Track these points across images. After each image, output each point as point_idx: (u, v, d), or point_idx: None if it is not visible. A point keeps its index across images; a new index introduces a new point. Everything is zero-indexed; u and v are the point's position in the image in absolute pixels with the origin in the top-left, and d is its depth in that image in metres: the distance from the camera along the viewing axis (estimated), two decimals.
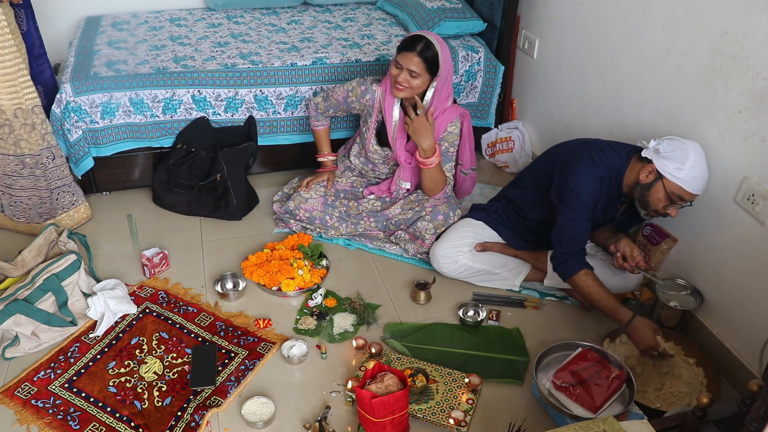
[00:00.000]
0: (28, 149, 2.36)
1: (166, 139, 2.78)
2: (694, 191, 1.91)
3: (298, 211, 2.58)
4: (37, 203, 2.49)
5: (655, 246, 2.25)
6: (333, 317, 2.22)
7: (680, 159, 1.89)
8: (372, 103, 2.46)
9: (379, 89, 2.43)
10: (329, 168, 2.70)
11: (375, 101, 2.45)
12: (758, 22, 1.78)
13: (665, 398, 1.91)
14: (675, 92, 2.13)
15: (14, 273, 2.15)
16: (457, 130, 2.41)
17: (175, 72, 2.70)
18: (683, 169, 1.89)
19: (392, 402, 1.69)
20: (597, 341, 2.07)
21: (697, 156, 1.90)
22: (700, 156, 1.91)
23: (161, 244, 2.56)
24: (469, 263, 2.34)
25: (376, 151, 2.55)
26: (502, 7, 2.96)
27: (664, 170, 1.92)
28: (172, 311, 2.22)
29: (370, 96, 2.45)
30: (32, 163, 2.40)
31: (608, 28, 2.43)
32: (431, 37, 2.25)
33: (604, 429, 1.39)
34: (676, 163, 1.89)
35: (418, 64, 2.22)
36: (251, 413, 1.85)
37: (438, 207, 2.45)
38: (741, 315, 1.98)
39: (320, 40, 3.08)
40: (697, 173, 1.89)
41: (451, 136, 2.42)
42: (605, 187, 2.06)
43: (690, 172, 1.88)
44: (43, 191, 2.46)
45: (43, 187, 2.45)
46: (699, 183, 1.91)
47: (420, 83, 2.27)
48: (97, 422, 1.83)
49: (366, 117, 2.52)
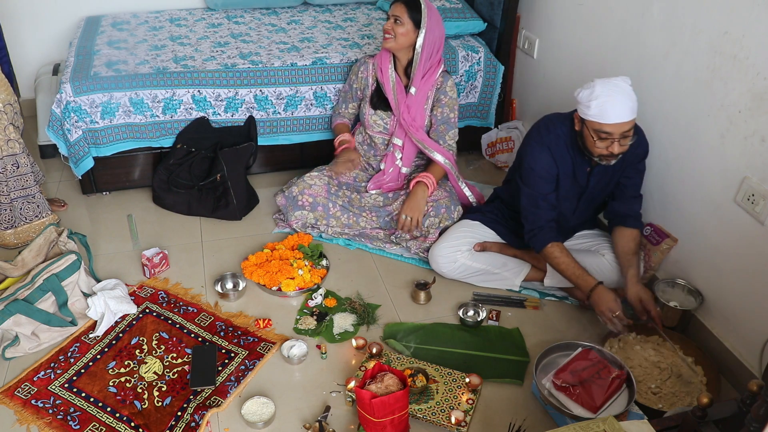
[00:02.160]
0: None
1: (166, 139, 2.78)
2: (610, 121, 1.91)
3: (301, 196, 2.57)
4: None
5: (655, 246, 2.25)
6: (333, 317, 2.22)
7: (587, 97, 1.94)
8: (366, 74, 2.63)
9: (372, 60, 2.62)
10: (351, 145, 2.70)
11: (369, 71, 2.63)
12: (758, 22, 1.78)
13: (665, 398, 1.91)
14: (675, 92, 2.13)
15: (14, 273, 2.15)
16: (454, 93, 2.54)
17: (175, 72, 2.70)
18: (590, 106, 1.92)
19: (392, 402, 1.69)
20: (597, 341, 2.07)
21: (603, 88, 1.91)
22: (605, 87, 1.91)
23: (161, 244, 2.56)
24: (468, 263, 2.34)
25: (376, 122, 2.61)
26: (502, 7, 2.96)
27: (581, 112, 1.98)
28: (172, 311, 2.22)
29: (364, 68, 2.64)
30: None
31: (608, 28, 2.43)
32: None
33: (604, 429, 1.39)
34: (585, 102, 1.94)
35: (402, 11, 2.41)
36: (251, 413, 1.85)
37: (440, 201, 2.45)
38: (741, 315, 1.98)
39: (320, 40, 3.08)
40: (603, 102, 1.90)
41: (451, 101, 2.53)
42: (560, 155, 2.10)
43: (597, 105, 1.91)
44: (4, 198, 2.38)
45: (4, 193, 2.37)
46: (609, 112, 1.90)
47: (404, 31, 2.42)
48: (97, 422, 1.83)
49: (364, 91, 2.65)
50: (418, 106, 2.53)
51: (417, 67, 2.47)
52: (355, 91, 2.69)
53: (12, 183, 2.37)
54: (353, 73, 2.68)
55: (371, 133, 2.65)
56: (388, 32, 2.44)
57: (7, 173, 2.35)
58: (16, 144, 2.35)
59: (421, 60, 2.46)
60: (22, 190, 2.41)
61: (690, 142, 2.09)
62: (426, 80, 2.50)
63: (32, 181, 2.42)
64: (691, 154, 2.09)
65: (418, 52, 2.44)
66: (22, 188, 2.40)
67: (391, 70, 2.54)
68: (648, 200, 2.32)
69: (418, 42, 2.43)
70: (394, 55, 2.53)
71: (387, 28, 2.44)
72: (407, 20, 2.41)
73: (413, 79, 2.50)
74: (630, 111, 1.92)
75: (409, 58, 2.50)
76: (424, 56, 2.45)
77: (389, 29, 2.44)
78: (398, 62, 2.54)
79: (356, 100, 2.71)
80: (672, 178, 2.19)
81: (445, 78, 2.53)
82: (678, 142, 2.14)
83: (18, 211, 2.42)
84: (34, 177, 2.45)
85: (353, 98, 2.71)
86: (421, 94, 2.51)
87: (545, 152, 2.10)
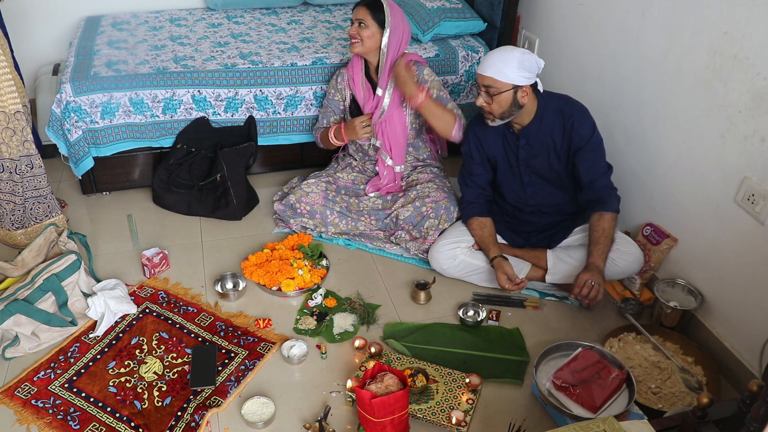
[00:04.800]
0: (8, 154, 2.30)
1: (166, 139, 2.78)
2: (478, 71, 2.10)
3: (299, 204, 2.58)
4: (11, 210, 2.40)
5: (655, 246, 2.25)
6: (333, 317, 2.22)
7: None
8: (345, 85, 2.63)
9: (346, 71, 2.62)
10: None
11: (345, 81, 2.63)
12: (758, 22, 1.78)
13: (665, 398, 1.91)
14: (675, 92, 2.13)
15: (14, 273, 2.15)
16: (434, 76, 2.53)
17: (175, 72, 2.70)
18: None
19: (392, 402, 1.69)
20: (597, 341, 2.07)
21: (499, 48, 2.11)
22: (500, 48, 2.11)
23: (161, 244, 2.56)
24: (468, 260, 2.34)
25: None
26: (502, 7, 2.96)
27: None
28: (172, 311, 2.22)
29: (341, 79, 2.64)
30: (12, 168, 2.33)
31: (608, 28, 2.43)
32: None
33: (604, 429, 1.39)
34: None
35: (365, 14, 2.40)
36: (251, 413, 1.85)
37: (440, 202, 2.45)
38: (741, 315, 1.98)
39: (320, 40, 3.08)
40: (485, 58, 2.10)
41: (435, 82, 2.52)
42: (490, 133, 2.26)
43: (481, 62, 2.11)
44: (17, 198, 2.39)
45: (18, 194, 2.38)
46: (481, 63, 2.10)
47: (369, 34, 2.41)
48: (97, 422, 1.83)
49: (345, 102, 2.65)
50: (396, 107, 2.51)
51: (383, 66, 2.46)
52: (337, 104, 2.67)
53: (26, 183, 2.38)
54: (332, 87, 2.66)
55: (360, 141, 2.66)
56: (354, 37, 2.42)
57: (22, 174, 2.36)
58: (31, 145, 2.35)
59: (387, 59, 2.45)
60: (34, 190, 2.41)
61: (690, 142, 2.09)
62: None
63: (45, 182, 2.42)
64: (691, 154, 2.09)
65: (384, 51, 2.43)
66: (35, 188, 2.41)
67: (363, 79, 2.54)
68: (648, 200, 2.32)
69: (384, 41, 2.42)
70: (366, 59, 2.52)
71: (352, 33, 2.42)
72: (371, 22, 2.39)
73: (380, 79, 2.49)
74: (492, 67, 2.05)
75: (379, 59, 2.49)
76: (390, 55, 2.44)
77: (355, 34, 2.41)
78: (370, 65, 2.53)
79: (338, 113, 2.70)
80: (672, 178, 2.19)
81: (419, 69, 2.49)
82: (678, 142, 2.14)
83: (29, 212, 2.42)
84: (46, 177, 2.45)
85: (334, 111, 2.69)
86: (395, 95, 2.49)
87: (471, 134, 2.32)
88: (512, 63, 2.03)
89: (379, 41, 2.43)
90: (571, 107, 2.16)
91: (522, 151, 2.22)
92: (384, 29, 2.41)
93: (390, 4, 2.41)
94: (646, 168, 2.31)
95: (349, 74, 2.58)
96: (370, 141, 2.64)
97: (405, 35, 2.47)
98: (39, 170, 2.39)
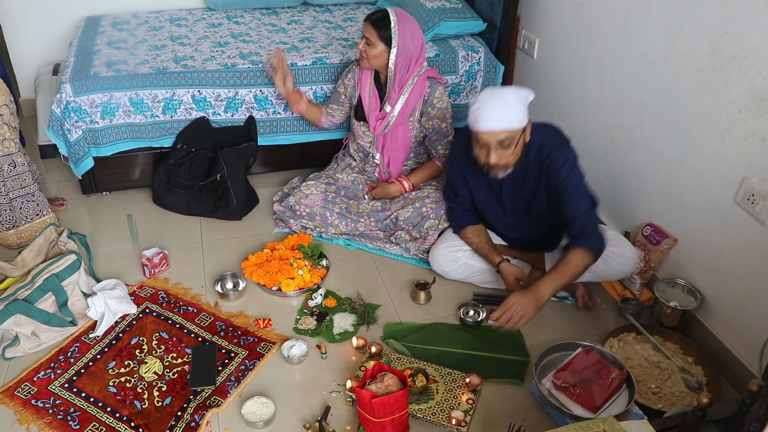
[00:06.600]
0: None
1: (166, 139, 2.78)
2: (480, 128, 1.95)
3: (298, 206, 2.58)
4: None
5: (655, 246, 2.25)
6: (333, 317, 2.22)
7: (472, 103, 1.99)
8: (354, 83, 2.60)
9: (358, 69, 2.58)
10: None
11: (355, 80, 2.59)
12: (758, 22, 1.78)
13: (665, 398, 1.91)
14: (675, 92, 2.13)
15: (14, 273, 2.15)
16: (444, 103, 2.49)
17: (175, 72, 2.70)
18: (471, 111, 1.96)
19: (392, 402, 1.69)
20: (597, 341, 2.07)
21: (485, 95, 1.95)
22: (487, 94, 1.95)
23: (161, 244, 2.56)
24: (469, 262, 2.34)
25: (365, 132, 2.62)
26: (502, 7, 2.96)
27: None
28: (172, 311, 2.22)
29: (351, 75, 2.60)
30: None
31: (608, 28, 2.43)
32: (391, 10, 2.36)
33: (604, 429, 1.39)
34: (470, 108, 1.98)
35: (371, 33, 2.35)
36: (251, 413, 1.85)
37: (440, 203, 2.45)
38: (741, 315, 1.98)
39: (320, 40, 3.08)
40: (477, 108, 1.94)
41: (440, 112, 2.49)
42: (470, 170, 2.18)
43: (473, 111, 1.95)
44: (3, 198, 2.37)
45: (3, 193, 2.36)
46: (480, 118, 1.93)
47: (377, 53, 2.38)
48: (97, 422, 1.83)
49: (351, 100, 2.64)
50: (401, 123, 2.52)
51: (391, 85, 2.44)
52: (341, 96, 2.65)
53: (10, 183, 2.37)
54: (343, 77, 2.64)
55: (362, 143, 2.65)
56: (361, 55, 2.41)
57: (4, 173, 2.34)
58: (11, 143, 2.34)
59: (395, 78, 2.42)
60: (21, 189, 2.40)
61: (690, 142, 2.09)
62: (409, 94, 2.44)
63: (30, 179, 2.42)
64: (691, 154, 2.09)
65: (391, 69, 2.40)
66: (21, 187, 2.40)
67: (370, 85, 2.53)
68: (648, 200, 2.32)
69: (391, 60, 2.38)
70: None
71: (360, 49, 2.40)
72: (377, 40, 2.35)
73: (388, 96, 2.46)
74: (502, 118, 1.91)
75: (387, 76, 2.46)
76: (398, 74, 2.41)
77: (362, 51, 2.39)
78: (380, 74, 2.51)
79: (342, 105, 2.68)
80: (672, 178, 2.19)
81: (432, 88, 2.45)
82: (678, 142, 2.14)
83: (18, 211, 2.41)
84: (32, 175, 2.44)
85: (336, 101, 2.68)
86: (406, 109, 2.47)
87: (457, 169, 2.24)
88: (515, 105, 1.92)
89: (387, 60, 2.39)
90: (550, 144, 2.02)
91: (507, 198, 2.20)
92: (391, 48, 2.37)
93: (399, 20, 2.34)
94: (646, 168, 2.31)
95: (359, 76, 2.57)
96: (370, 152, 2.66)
97: (416, 53, 2.40)
98: (22, 168, 2.38)
